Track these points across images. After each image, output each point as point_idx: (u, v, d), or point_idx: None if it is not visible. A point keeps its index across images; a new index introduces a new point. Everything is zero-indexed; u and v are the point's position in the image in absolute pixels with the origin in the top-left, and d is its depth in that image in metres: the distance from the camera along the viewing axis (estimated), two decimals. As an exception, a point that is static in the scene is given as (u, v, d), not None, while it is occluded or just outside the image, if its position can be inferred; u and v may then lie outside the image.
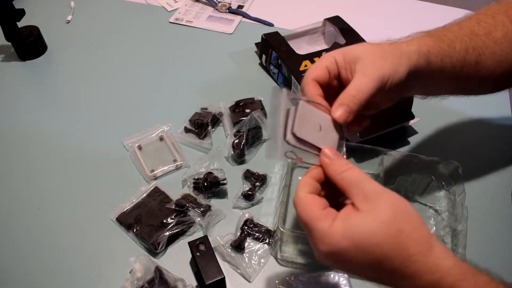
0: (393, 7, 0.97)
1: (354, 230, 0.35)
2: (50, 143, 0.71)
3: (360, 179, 0.37)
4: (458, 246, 0.53)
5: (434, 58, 0.47)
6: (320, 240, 0.36)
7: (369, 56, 0.44)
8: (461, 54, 0.49)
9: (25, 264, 0.56)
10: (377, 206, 0.36)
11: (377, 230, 0.35)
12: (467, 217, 0.55)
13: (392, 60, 0.44)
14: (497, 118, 0.73)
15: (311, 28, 0.83)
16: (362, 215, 0.35)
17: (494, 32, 0.51)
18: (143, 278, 0.51)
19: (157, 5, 0.97)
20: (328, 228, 0.36)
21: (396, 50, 0.46)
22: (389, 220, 0.35)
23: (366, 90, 0.42)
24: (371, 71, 0.43)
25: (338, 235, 0.35)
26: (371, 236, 0.34)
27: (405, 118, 0.68)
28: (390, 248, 0.34)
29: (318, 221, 0.36)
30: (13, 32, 0.80)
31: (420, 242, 0.35)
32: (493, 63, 0.51)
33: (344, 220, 0.36)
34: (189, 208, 0.59)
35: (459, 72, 0.50)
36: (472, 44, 0.50)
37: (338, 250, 0.35)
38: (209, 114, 0.71)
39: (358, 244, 0.35)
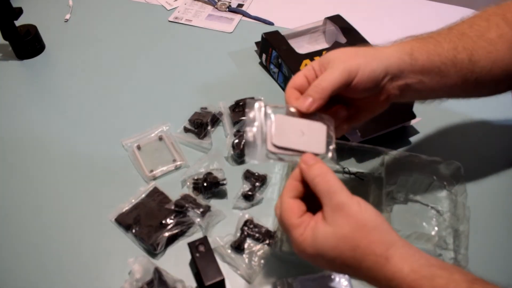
0: (394, 6, 0.97)
1: (318, 242, 0.39)
2: (48, 143, 0.70)
3: (329, 188, 0.40)
4: (460, 247, 0.53)
5: (419, 56, 0.48)
6: (294, 245, 0.41)
7: (341, 56, 0.47)
8: (450, 52, 0.49)
9: (23, 265, 0.56)
10: (338, 220, 0.39)
11: (336, 244, 0.39)
12: (469, 217, 0.54)
13: (364, 55, 0.46)
14: (499, 118, 0.73)
15: (311, 27, 0.83)
16: (326, 228, 0.39)
17: (487, 34, 0.51)
18: (142, 279, 0.51)
19: (156, 4, 0.97)
20: (299, 236, 0.40)
21: (372, 49, 0.48)
22: (348, 235, 0.39)
23: (329, 79, 0.45)
24: (337, 65, 0.45)
25: (306, 244, 0.40)
26: (332, 249, 0.39)
27: (406, 118, 0.68)
28: (349, 259, 0.39)
29: (293, 229, 0.41)
30: (11, 31, 0.80)
31: (375, 255, 0.38)
32: (489, 63, 0.51)
33: (312, 230, 0.40)
34: (188, 209, 0.59)
35: (452, 71, 0.50)
36: (462, 43, 0.50)
37: (307, 256, 0.41)
38: (208, 113, 0.71)
39: (322, 254, 0.39)
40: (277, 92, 0.78)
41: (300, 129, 0.44)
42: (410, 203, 0.61)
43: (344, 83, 0.45)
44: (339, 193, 0.40)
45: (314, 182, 0.41)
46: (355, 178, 0.63)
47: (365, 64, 0.45)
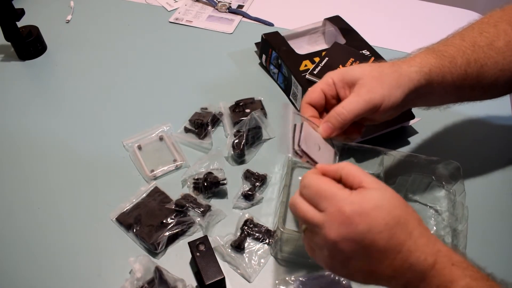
0: (393, 7, 0.97)
1: (374, 195, 0.38)
2: (50, 143, 0.70)
3: (361, 169, 0.41)
4: (459, 246, 0.53)
5: (435, 77, 0.49)
6: (344, 203, 0.38)
7: (366, 77, 0.46)
8: (462, 68, 0.50)
9: (24, 264, 0.56)
10: (383, 186, 0.39)
11: (391, 197, 0.39)
12: (467, 217, 0.54)
13: (389, 83, 0.46)
14: (498, 118, 0.73)
15: (311, 28, 0.83)
16: (375, 189, 0.39)
17: (496, 42, 0.52)
18: (143, 278, 0.51)
19: (157, 5, 0.97)
20: (350, 194, 0.39)
21: (396, 72, 0.47)
22: (397, 196, 0.39)
23: (352, 110, 0.45)
24: (363, 92, 0.46)
25: (360, 199, 0.38)
26: (389, 200, 0.38)
27: (405, 118, 0.68)
28: (405, 212, 0.38)
29: (339, 189, 0.39)
30: (13, 32, 0.80)
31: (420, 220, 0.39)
32: (496, 72, 0.52)
33: (360, 192, 0.39)
34: (189, 208, 0.59)
35: (461, 85, 0.51)
36: (474, 56, 0.51)
37: (362, 210, 0.37)
38: (209, 114, 0.71)
39: (380, 204, 0.38)
40: (277, 92, 0.78)
41: (318, 144, 0.47)
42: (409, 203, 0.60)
43: (367, 114, 0.46)
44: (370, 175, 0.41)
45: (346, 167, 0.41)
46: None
47: (389, 95, 0.46)
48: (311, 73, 0.71)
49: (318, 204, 0.39)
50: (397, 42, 0.86)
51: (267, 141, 0.70)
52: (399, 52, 0.84)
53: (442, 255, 0.37)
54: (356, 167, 0.41)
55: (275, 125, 0.71)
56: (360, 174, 0.40)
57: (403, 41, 0.86)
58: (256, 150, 0.68)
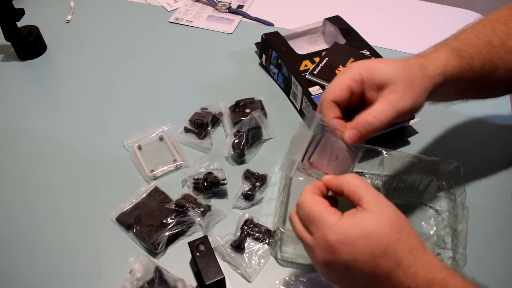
0: (393, 7, 0.97)
1: (363, 221, 0.37)
2: (50, 143, 0.70)
3: (366, 185, 0.40)
4: (459, 246, 0.53)
5: (452, 79, 0.48)
6: (330, 231, 0.38)
7: (399, 83, 0.44)
8: (477, 70, 0.50)
9: (25, 264, 0.56)
10: (382, 206, 0.39)
11: (384, 223, 0.37)
12: (467, 217, 0.54)
13: (418, 90, 0.45)
14: (498, 118, 0.73)
15: (311, 28, 0.83)
16: (370, 213, 0.38)
17: (508, 41, 0.52)
18: (143, 278, 0.51)
19: (157, 5, 0.97)
20: (338, 221, 0.38)
21: (425, 77, 0.46)
22: (393, 219, 0.38)
23: (383, 120, 0.43)
24: (395, 101, 0.44)
25: (348, 225, 0.37)
26: (380, 226, 0.37)
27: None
28: (395, 240, 0.37)
29: (328, 215, 0.39)
30: (13, 32, 0.80)
31: (417, 241, 0.38)
32: (505, 71, 0.52)
33: (352, 216, 0.38)
34: (189, 208, 0.59)
35: (472, 85, 0.51)
36: (489, 57, 0.50)
37: (347, 239, 0.37)
38: (209, 114, 0.71)
39: (367, 232, 0.37)
40: (277, 92, 0.78)
41: (337, 153, 0.44)
42: (409, 203, 0.61)
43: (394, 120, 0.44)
44: (374, 189, 0.40)
45: (348, 181, 0.40)
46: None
47: (417, 102, 0.45)
48: (311, 73, 0.71)
49: (308, 226, 0.40)
50: (397, 42, 0.86)
51: (267, 141, 0.70)
52: (399, 52, 0.84)
53: (435, 284, 0.36)
54: (359, 181, 0.40)
55: (275, 125, 0.71)
56: (361, 192, 0.39)
57: (403, 41, 0.86)
58: (256, 150, 0.68)
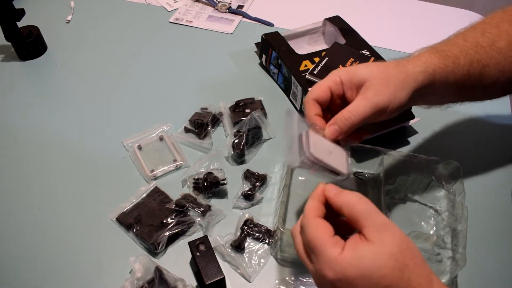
0: (393, 7, 0.97)
1: (363, 260, 0.36)
2: (50, 143, 0.70)
3: (370, 209, 0.38)
4: (458, 246, 0.53)
5: (438, 77, 0.49)
6: (328, 266, 0.37)
7: (374, 79, 0.46)
8: (465, 68, 0.50)
9: (25, 264, 0.56)
10: (386, 239, 0.37)
11: (385, 262, 0.36)
12: (467, 217, 0.55)
13: (395, 85, 0.46)
14: (497, 117, 0.73)
15: (311, 28, 0.83)
16: (371, 246, 0.36)
17: (498, 42, 0.52)
18: (143, 278, 0.51)
19: (157, 5, 0.97)
20: (337, 255, 0.36)
21: (402, 73, 0.47)
22: (397, 254, 0.36)
23: (360, 114, 0.45)
24: (370, 95, 0.45)
25: (346, 263, 0.36)
26: (379, 268, 0.35)
27: (405, 118, 0.68)
28: (395, 280, 0.35)
29: (328, 248, 0.37)
30: (13, 32, 0.80)
31: (421, 276, 0.36)
32: (497, 72, 0.52)
33: (353, 249, 0.37)
34: (189, 208, 0.59)
35: (463, 85, 0.51)
36: (477, 57, 0.51)
37: (344, 278, 0.36)
38: (209, 114, 0.71)
39: (366, 274, 0.35)
40: (277, 92, 0.78)
41: (328, 149, 0.46)
42: (408, 203, 0.61)
43: (373, 117, 0.46)
44: (380, 214, 0.38)
45: (350, 204, 0.39)
46: (354, 178, 0.64)
47: (395, 97, 0.46)
48: (311, 73, 0.71)
49: (309, 253, 0.39)
50: (397, 42, 0.86)
51: (267, 141, 0.70)
52: (399, 52, 0.84)
53: None
54: (362, 206, 0.38)
55: (275, 125, 0.71)
56: (363, 220, 0.38)
57: (403, 41, 0.86)
58: (256, 150, 0.68)
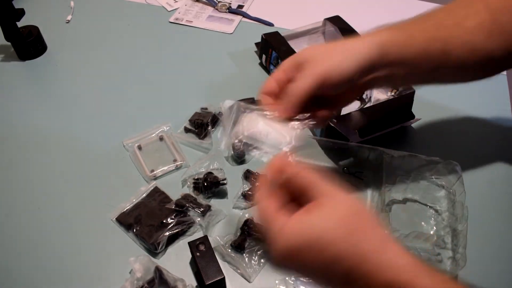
0: (393, 7, 0.97)
1: (310, 226, 0.34)
2: (50, 143, 0.70)
3: (316, 178, 0.37)
4: (459, 246, 0.53)
5: (389, 49, 0.48)
6: (274, 239, 0.35)
7: (314, 56, 0.48)
8: (422, 44, 0.49)
9: (24, 264, 0.56)
10: (334, 203, 0.35)
11: (334, 226, 0.34)
12: (467, 217, 0.55)
13: (336, 56, 0.47)
14: (497, 118, 0.73)
15: (311, 28, 0.83)
16: (320, 211, 0.35)
17: (465, 22, 0.50)
18: (143, 278, 0.51)
19: (157, 5, 0.97)
20: (282, 226, 0.35)
21: (343, 47, 0.48)
22: (346, 217, 0.35)
23: (301, 86, 0.46)
24: (310, 68, 0.47)
25: (292, 232, 0.34)
26: (327, 233, 0.34)
27: (405, 118, 0.68)
28: (345, 246, 0.34)
29: (273, 221, 0.36)
30: (13, 32, 0.80)
31: (374, 240, 0.35)
32: (465, 52, 0.50)
33: (300, 217, 0.35)
34: (189, 208, 0.59)
35: (424, 62, 0.50)
36: (437, 34, 0.50)
37: (291, 248, 0.34)
38: (209, 114, 0.71)
39: (312, 241, 0.34)
40: (277, 92, 0.78)
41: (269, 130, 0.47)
42: (408, 203, 0.61)
43: (317, 87, 0.46)
44: (328, 182, 0.37)
45: (296, 177, 0.37)
46: (354, 178, 0.64)
47: (337, 65, 0.47)
48: (311, 73, 0.71)
49: None
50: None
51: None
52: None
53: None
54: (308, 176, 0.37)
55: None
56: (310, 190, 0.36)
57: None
58: (256, 150, 0.68)
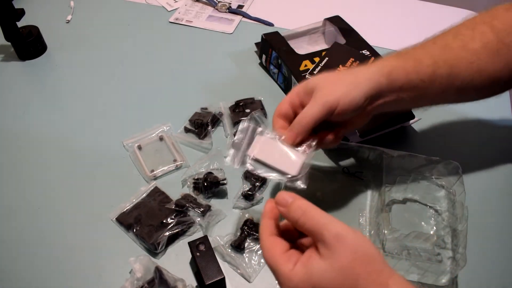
0: (393, 7, 0.97)
1: (314, 275, 0.36)
2: (50, 143, 0.70)
3: (318, 223, 0.37)
4: (459, 246, 0.53)
5: (397, 76, 0.50)
6: (282, 283, 0.38)
7: (323, 84, 0.49)
8: (429, 68, 0.51)
9: (24, 264, 0.56)
10: (337, 251, 0.36)
11: (336, 276, 0.36)
12: (467, 217, 0.55)
13: (345, 85, 0.49)
14: (497, 117, 0.73)
15: (311, 28, 0.83)
16: (322, 262, 0.36)
17: (470, 44, 0.52)
18: (143, 278, 0.51)
19: (157, 5, 0.97)
20: (289, 272, 0.37)
21: (352, 75, 0.50)
22: (348, 266, 0.36)
23: (310, 114, 0.48)
24: (319, 97, 0.49)
25: (298, 280, 0.36)
26: (329, 282, 0.36)
27: (405, 118, 0.68)
28: None
29: (280, 265, 0.38)
30: (13, 32, 0.80)
31: (377, 283, 0.36)
32: (471, 73, 0.52)
33: (304, 264, 0.37)
34: (189, 208, 0.59)
35: (431, 85, 0.51)
36: (443, 57, 0.51)
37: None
38: (209, 114, 0.71)
39: None
40: (276, 92, 0.78)
41: (280, 151, 0.50)
42: (408, 203, 0.61)
43: (325, 116, 0.48)
44: (331, 225, 0.37)
45: (299, 222, 0.39)
46: (354, 178, 0.64)
47: (345, 94, 0.48)
48: (311, 73, 0.71)
49: None
50: (397, 42, 0.86)
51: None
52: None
53: None
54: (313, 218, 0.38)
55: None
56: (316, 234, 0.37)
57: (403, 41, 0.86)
58: (256, 150, 0.68)
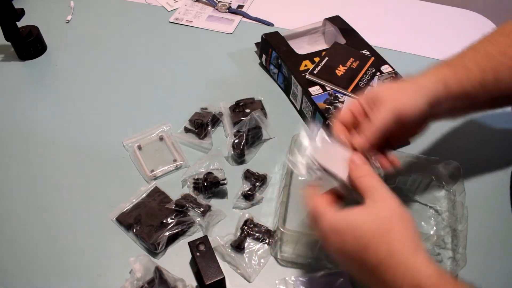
0: (393, 7, 0.97)
1: (353, 217, 0.41)
2: (50, 143, 0.70)
3: (374, 185, 0.43)
4: (459, 246, 0.53)
5: (452, 84, 0.51)
6: (324, 217, 0.43)
7: (388, 92, 0.50)
8: (478, 75, 0.52)
9: (24, 264, 0.56)
10: (378, 206, 0.42)
11: (372, 221, 0.40)
12: (467, 217, 0.55)
13: (410, 92, 0.49)
14: (498, 118, 0.73)
15: (311, 28, 0.83)
16: (364, 209, 0.42)
17: (508, 50, 0.53)
18: (143, 278, 0.51)
19: (157, 5, 0.97)
20: (333, 212, 0.43)
21: (414, 84, 0.50)
22: (385, 218, 0.40)
23: (381, 119, 0.48)
24: (388, 103, 0.48)
25: (338, 218, 0.42)
26: (365, 223, 0.40)
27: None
28: (377, 237, 0.39)
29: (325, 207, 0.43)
30: (13, 32, 0.80)
31: (408, 243, 0.39)
32: None
33: (348, 211, 0.42)
34: (189, 208, 0.59)
35: (482, 91, 0.52)
36: (489, 64, 0.53)
37: (335, 227, 0.42)
38: (209, 114, 0.71)
39: (353, 227, 0.41)
40: (277, 92, 0.78)
41: (341, 157, 0.48)
42: (409, 203, 0.61)
43: (394, 122, 0.48)
44: (383, 189, 0.42)
45: (360, 179, 0.44)
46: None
47: (412, 102, 0.48)
48: (311, 73, 0.71)
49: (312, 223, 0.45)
50: (397, 42, 0.86)
51: (267, 141, 0.70)
52: (399, 52, 0.84)
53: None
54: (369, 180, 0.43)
55: (275, 125, 0.71)
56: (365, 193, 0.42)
57: (403, 41, 0.86)
58: (256, 150, 0.68)
